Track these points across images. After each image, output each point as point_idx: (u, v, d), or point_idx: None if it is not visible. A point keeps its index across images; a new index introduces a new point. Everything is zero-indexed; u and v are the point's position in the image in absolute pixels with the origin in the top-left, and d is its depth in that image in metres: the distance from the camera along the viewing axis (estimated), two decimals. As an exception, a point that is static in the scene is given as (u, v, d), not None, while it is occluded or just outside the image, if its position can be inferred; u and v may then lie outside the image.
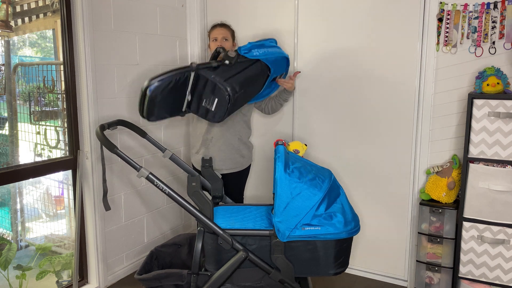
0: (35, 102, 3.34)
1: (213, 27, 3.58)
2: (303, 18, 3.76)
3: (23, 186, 3.54)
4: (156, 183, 2.51)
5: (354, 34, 3.58)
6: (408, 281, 3.64)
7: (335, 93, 3.71)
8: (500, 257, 2.95)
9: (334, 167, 3.79)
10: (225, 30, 3.55)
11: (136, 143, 3.75)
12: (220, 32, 3.51)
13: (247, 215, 2.72)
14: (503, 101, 2.82)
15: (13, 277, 3.26)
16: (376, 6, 3.48)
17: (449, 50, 3.25)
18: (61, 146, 3.44)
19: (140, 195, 3.88)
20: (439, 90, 3.32)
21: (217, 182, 3.05)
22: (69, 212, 3.62)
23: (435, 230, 3.24)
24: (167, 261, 2.98)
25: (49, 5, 3.24)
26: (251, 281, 2.55)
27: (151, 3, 3.81)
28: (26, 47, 3.34)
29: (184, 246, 3.03)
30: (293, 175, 2.39)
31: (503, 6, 3.04)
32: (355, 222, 2.45)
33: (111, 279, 3.66)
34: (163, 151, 3.17)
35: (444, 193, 3.23)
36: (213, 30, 3.55)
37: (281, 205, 2.37)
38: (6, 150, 3.27)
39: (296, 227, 2.38)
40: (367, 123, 3.62)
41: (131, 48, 3.66)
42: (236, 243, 2.48)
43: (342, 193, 2.51)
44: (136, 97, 3.71)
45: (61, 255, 3.56)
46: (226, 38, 3.52)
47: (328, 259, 2.46)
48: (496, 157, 2.89)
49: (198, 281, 2.55)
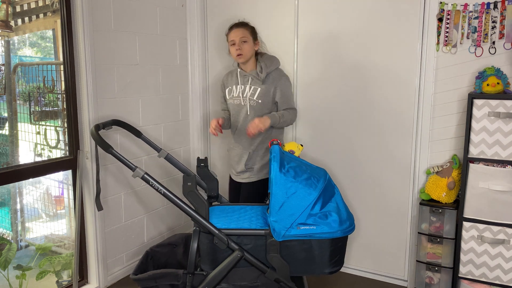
0: (35, 102, 3.36)
1: (230, 29, 3.38)
2: (303, 18, 3.76)
3: (23, 186, 3.56)
4: (151, 183, 2.51)
5: (354, 34, 3.57)
6: (408, 281, 3.62)
7: (335, 93, 3.70)
8: (500, 257, 2.94)
9: (334, 168, 3.78)
10: (243, 30, 3.32)
11: (134, 143, 3.75)
12: (237, 34, 3.29)
13: (243, 214, 2.72)
14: (503, 101, 2.80)
15: (13, 277, 3.27)
16: (376, 6, 3.47)
17: (449, 50, 3.24)
18: (61, 146, 3.45)
19: (140, 195, 3.88)
20: (439, 90, 3.31)
21: (212, 181, 3.05)
22: (69, 212, 3.63)
23: (435, 230, 3.23)
24: (163, 261, 2.98)
25: (49, 5, 3.25)
26: (247, 280, 2.55)
27: (151, 3, 3.82)
28: (26, 47, 3.35)
29: (180, 246, 3.02)
30: (288, 175, 2.39)
31: (503, 6, 3.02)
32: (350, 221, 2.45)
33: (111, 279, 3.66)
34: (158, 151, 3.17)
35: (444, 193, 3.21)
36: (230, 32, 3.35)
37: (276, 204, 2.37)
38: (6, 150, 3.28)
39: (292, 226, 2.38)
40: (367, 123, 3.61)
41: (131, 48, 3.67)
42: (232, 243, 2.48)
43: (337, 192, 2.51)
44: (136, 97, 3.72)
45: (61, 255, 3.57)
46: (245, 40, 3.29)
47: (323, 258, 2.45)
48: (496, 157, 2.88)
49: (194, 281, 2.55)
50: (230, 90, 3.47)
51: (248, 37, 3.32)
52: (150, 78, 3.86)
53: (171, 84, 4.13)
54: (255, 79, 3.33)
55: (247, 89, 3.36)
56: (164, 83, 4.04)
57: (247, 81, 3.36)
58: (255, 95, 3.32)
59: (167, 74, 4.07)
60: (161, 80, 4.01)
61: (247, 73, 3.38)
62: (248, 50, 3.32)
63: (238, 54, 3.30)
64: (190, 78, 4.34)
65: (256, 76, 3.33)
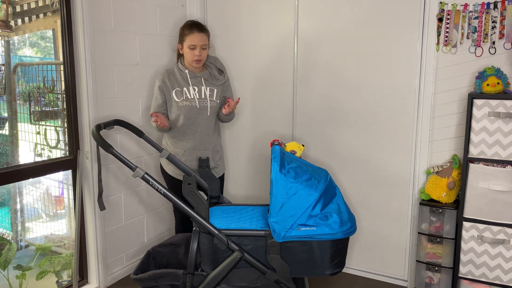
0: (35, 102, 3.35)
1: (190, 29, 3.28)
2: (303, 18, 3.76)
3: (23, 186, 3.56)
4: (151, 183, 2.51)
5: (353, 34, 3.57)
6: (408, 281, 3.62)
7: (335, 92, 3.70)
8: (500, 257, 2.94)
9: (334, 168, 3.78)
10: (205, 36, 3.30)
11: (135, 143, 3.75)
12: (200, 40, 3.24)
13: (244, 215, 2.72)
14: (503, 101, 2.80)
15: (13, 277, 3.26)
16: (376, 6, 3.46)
17: (449, 50, 3.24)
18: (61, 146, 3.45)
19: (140, 195, 3.88)
20: (439, 90, 3.31)
21: (214, 182, 3.05)
22: (69, 212, 3.63)
23: (435, 230, 3.23)
24: (164, 261, 2.98)
25: (49, 5, 3.25)
26: (247, 281, 2.55)
27: (151, 3, 3.82)
28: (26, 47, 3.35)
29: (181, 246, 3.03)
30: (289, 175, 2.39)
31: (503, 6, 3.02)
32: (351, 222, 2.44)
33: (111, 279, 3.66)
34: (160, 151, 3.17)
35: (444, 193, 3.21)
36: (191, 35, 3.25)
37: (276, 205, 2.37)
38: (6, 150, 3.28)
39: (292, 227, 2.38)
40: (367, 123, 3.61)
41: (131, 48, 3.67)
42: (232, 243, 2.48)
43: (339, 193, 2.50)
44: (136, 97, 3.72)
45: (61, 255, 3.57)
46: (205, 47, 3.29)
47: (324, 260, 2.45)
48: (496, 157, 2.88)
49: (194, 281, 2.55)
50: (179, 92, 3.32)
51: (207, 44, 3.33)
52: (150, 78, 3.86)
53: (171, 84, 4.12)
54: (208, 81, 3.36)
55: (204, 90, 3.34)
56: (164, 83, 4.03)
57: (199, 82, 3.35)
58: (213, 96, 3.36)
59: (167, 74, 4.06)
60: (161, 80, 4.00)
61: (198, 74, 3.35)
62: (205, 56, 3.34)
63: (198, 60, 3.27)
64: (190, 78, 4.33)
65: (209, 77, 3.37)
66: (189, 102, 3.31)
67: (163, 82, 3.34)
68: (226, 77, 3.47)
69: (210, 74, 3.39)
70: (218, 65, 3.46)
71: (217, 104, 3.39)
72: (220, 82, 3.41)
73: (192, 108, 3.32)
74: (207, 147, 3.38)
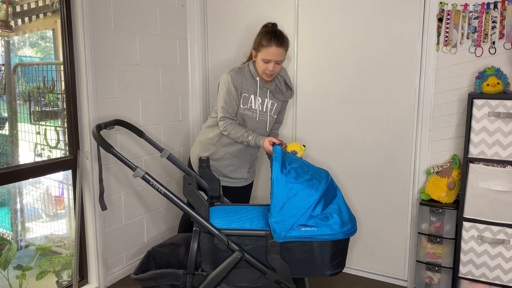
0: (35, 102, 3.35)
1: (268, 43, 2.96)
2: (303, 18, 3.76)
3: (23, 186, 3.56)
4: (151, 183, 2.50)
5: (353, 34, 3.57)
6: (408, 281, 3.63)
7: (335, 93, 3.70)
8: (500, 257, 2.94)
9: (334, 168, 3.78)
10: (283, 51, 2.99)
11: (135, 143, 3.75)
12: (277, 54, 2.95)
13: (244, 215, 2.71)
14: (503, 101, 2.81)
15: (13, 277, 3.26)
16: (376, 6, 3.47)
17: (449, 50, 3.24)
18: (61, 146, 3.45)
19: (140, 195, 3.88)
20: (439, 90, 3.31)
21: (214, 182, 3.04)
22: (69, 212, 3.63)
23: (435, 230, 3.23)
24: (165, 261, 2.97)
25: (49, 5, 3.25)
26: (247, 281, 2.54)
27: (151, 3, 3.82)
28: (26, 47, 3.35)
29: (182, 246, 3.02)
30: (290, 176, 2.38)
31: (503, 6, 3.03)
32: (351, 223, 2.44)
33: (111, 279, 3.66)
34: (161, 151, 3.17)
35: (444, 193, 3.22)
36: (268, 48, 2.95)
37: (277, 205, 2.36)
38: (6, 150, 3.28)
39: (292, 227, 2.37)
40: (367, 123, 3.61)
41: (131, 48, 3.67)
42: (232, 243, 2.47)
43: (339, 194, 2.50)
44: (136, 97, 3.72)
45: (61, 255, 3.57)
46: (280, 63, 3.02)
47: (324, 260, 2.44)
48: (496, 157, 2.88)
49: (194, 281, 2.55)
50: (246, 98, 3.14)
51: (284, 59, 3.05)
52: (150, 78, 3.86)
53: (171, 84, 4.13)
54: (273, 94, 3.21)
55: (266, 103, 3.19)
56: (164, 83, 4.03)
57: (265, 93, 3.18)
58: (273, 110, 3.24)
59: (167, 74, 4.06)
60: (161, 80, 4.00)
61: (265, 85, 3.17)
62: (278, 71, 3.09)
63: (270, 74, 3.05)
64: (190, 78, 4.34)
65: (275, 90, 3.21)
66: (250, 112, 3.16)
67: (235, 81, 3.08)
68: (291, 96, 3.31)
69: (276, 86, 3.22)
70: (287, 80, 3.24)
71: (273, 120, 3.28)
72: (284, 98, 3.28)
73: (251, 119, 3.17)
74: (251, 158, 3.35)
